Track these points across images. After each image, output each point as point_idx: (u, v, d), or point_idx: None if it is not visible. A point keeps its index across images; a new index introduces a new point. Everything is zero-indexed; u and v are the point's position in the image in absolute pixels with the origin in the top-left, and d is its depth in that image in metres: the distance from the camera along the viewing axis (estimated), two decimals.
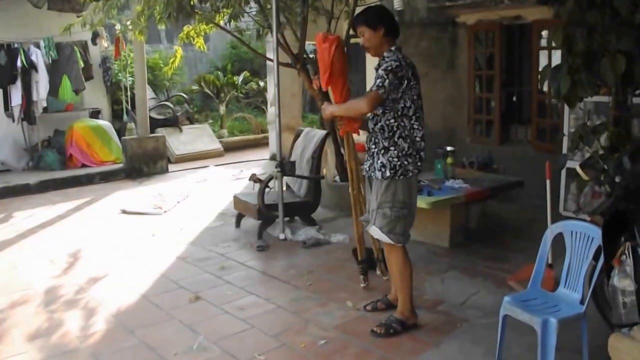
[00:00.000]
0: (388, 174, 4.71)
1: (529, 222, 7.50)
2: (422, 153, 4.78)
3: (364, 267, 5.79)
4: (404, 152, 4.69)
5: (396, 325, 4.86)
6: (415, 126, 4.71)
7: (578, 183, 5.51)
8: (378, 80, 4.56)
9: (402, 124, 4.67)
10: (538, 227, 5.60)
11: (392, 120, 4.67)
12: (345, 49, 5.54)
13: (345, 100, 5.21)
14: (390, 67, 4.55)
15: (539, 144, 8.82)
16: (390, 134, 4.68)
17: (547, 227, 4.56)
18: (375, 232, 4.87)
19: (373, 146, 4.81)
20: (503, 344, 4.27)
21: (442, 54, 9.83)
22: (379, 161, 4.76)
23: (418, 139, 4.73)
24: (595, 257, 4.06)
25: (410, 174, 4.72)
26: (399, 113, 4.65)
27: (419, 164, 4.76)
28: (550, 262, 5.04)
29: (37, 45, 11.91)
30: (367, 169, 4.91)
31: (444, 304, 5.40)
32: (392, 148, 4.70)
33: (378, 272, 5.87)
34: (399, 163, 4.69)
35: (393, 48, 4.74)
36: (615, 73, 4.44)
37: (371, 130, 4.83)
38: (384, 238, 4.81)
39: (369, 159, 4.88)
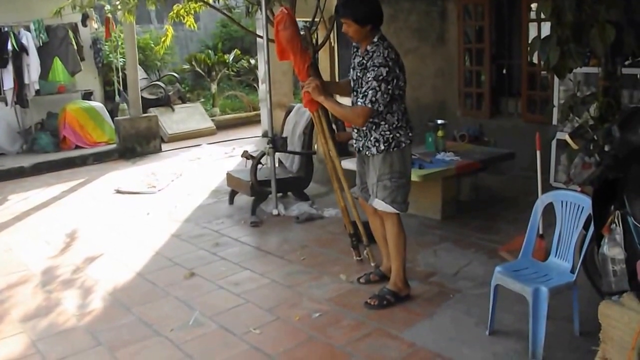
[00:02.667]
0: (382, 147, 4.78)
1: (520, 194, 7.55)
2: (411, 124, 4.87)
3: (353, 241, 5.82)
4: (394, 125, 4.76)
5: (389, 297, 4.93)
6: (402, 105, 4.82)
7: (568, 154, 5.54)
8: (370, 93, 4.59)
9: (389, 106, 4.72)
10: (529, 198, 5.64)
11: (382, 107, 4.72)
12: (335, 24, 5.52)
13: (307, 74, 5.30)
14: (381, 76, 4.57)
15: (529, 116, 8.85)
16: (379, 112, 4.72)
17: (537, 198, 4.61)
18: (378, 204, 4.92)
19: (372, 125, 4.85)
20: (495, 314, 4.33)
21: (432, 28, 9.83)
22: (372, 137, 4.82)
23: (404, 110, 4.83)
24: (586, 227, 4.11)
25: (404, 145, 4.80)
26: (388, 101, 4.69)
27: (410, 134, 4.83)
28: (541, 232, 5.08)
29: (27, 29, 11.82)
30: (361, 147, 4.95)
31: (437, 275, 5.45)
32: (382, 123, 4.75)
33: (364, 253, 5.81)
34: (391, 136, 4.76)
35: (376, 39, 4.72)
36: (604, 43, 4.45)
37: None
38: (388, 208, 4.87)
39: (360, 138, 4.93)
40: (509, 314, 4.51)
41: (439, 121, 7.61)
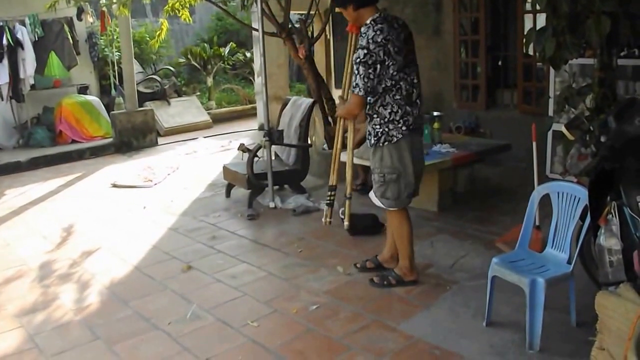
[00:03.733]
0: (373, 141, 4.83)
1: (516, 185, 7.56)
2: (408, 117, 4.75)
3: (331, 196, 5.51)
4: (385, 120, 4.74)
5: (391, 279, 5.04)
6: (397, 96, 4.71)
7: (564, 145, 5.54)
8: (357, 79, 4.60)
9: (382, 98, 4.71)
10: (525, 189, 5.64)
11: (376, 98, 4.73)
12: (330, 17, 5.52)
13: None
14: (358, 59, 4.57)
15: (524, 107, 8.85)
16: (373, 103, 4.74)
17: (534, 189, 4.61)
18: (371, 196, 4.98)
19: (367, 117, 4.90)
20: (492, 305, 4.34)
21: (427, 20, 9.82)
22: (367, 129, 4.89)
23: (402, 104, 4.73)
24: (582, 217, 4.12)
25: (395, 140, 4.75)
26: (380, 92, 4.69)
27: (403, 128, 4.74)
28: (537, 223, 5.09)
29: (23, 23, 11.78)
30: (367, 137, 5.00)
31: (434, 267, 5.46)
32: (375, 116, 4.78)
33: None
34: (380, 130, 4.77)
35: (369, 21, 4.68)
36: (599, 34, 4.45)
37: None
38: (378, 202, 4.91)
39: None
40: (506, 305, 4.52)
41: (435, 113, 7.61)
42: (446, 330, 4.33)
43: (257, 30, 7.85)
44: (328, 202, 5.51)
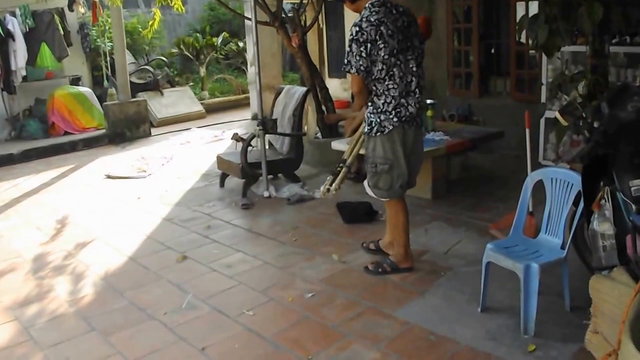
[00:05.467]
0: (367, 129, 4.84)
1: (509, 172, 7.58)
2: (401, 109, 4.73)
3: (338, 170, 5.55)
4: (378, 110, 4.75)
5: (386, 266, 5.08)
6: (390, 85, 4.70)
7: (557, 132, 5.56)
8: (349, 57, 4.63)
9: (376, 85, 4.72)
10: (518, 176, 5.66)
11: (370, 84, 4.74)
12: (323, 6, 5.53)
13: None
14: (351, 36, 4.59)
15: (517, 95, 8.86)
16: (369, 92, 4.77)
17: (527, 176, 4.63)
18: (365, 185, 5.00)
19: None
20: (486, 291, 4.36)
21: (420, 8, 9.79)
22: (364, 118, 4.90)
23: (396, 95, 4.72)
24: (575, 203, 4.14)
25: (387, 130, 4.74)
26: (374, 77, 4.69)
27: (394, 119, 4.73)
28: (531, 209, 5.11)
29: (13, 14, 11.74)
30: None
31: (428, 253, 5.48)
32: (369, 104, 4.81)
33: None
34: (374, 120, 4.78)
35: (367, 4, 4.72)
36: (592, 21, 4.47)
37: None
38: (370, 192, 4.92)
39: None
40: (500, 290, 4.54)
41: (428, 101, 7.59)
42: (441, 316, 4.35)
43: (249, 19, 7.83)
44: (333, 172, 5.58)
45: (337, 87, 12.27)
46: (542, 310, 4.01)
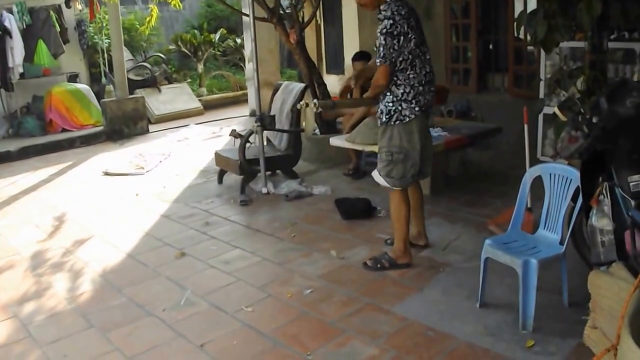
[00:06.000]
0: (384, 119, 4.85)
1: (507, 168, 7.57)
2: (420, 97, 4.81)
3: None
4: (398, 98, 4.78)
5: (385, 262, 5.08)
6: (411, 75, 4.78)
7: (556, 128, 5.56)
8: (381, 50, 4.66)
9: (397, 75, 4.77)
10: (516, 172, 5.65)
11: (387, 62, 4.74)
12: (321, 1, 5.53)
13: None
14: (385, 29, 4.63)
15: (515, 91, 8.87)
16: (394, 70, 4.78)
17: (525, 172, 4.63)
18: (375, 175, 5.04)
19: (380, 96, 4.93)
20: (485, 286, 4.36)
21: (418, 4, 9.69)
22: (379, 108, 4.91)
23: (416, 84, 4.79)
24: (574, 199, 4.13)
25: (407, 119, 4.80)
26: (397, 67, 4.73)
27: (416, 109, 4.80)
28: (529, 205, 5.11)
29: (10, 11, 11.72)
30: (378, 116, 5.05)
31: (427, 249, 5.47)
32: (387, 94, 4.83)
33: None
34: (393, 108, 4.79)
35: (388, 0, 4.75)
36: (591, 17, 4.46)
37: None
38: (382, 181, 4.95)
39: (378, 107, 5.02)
40: (499, 286, 4.53)
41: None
42: (440, 312, 4.35)
43: (247, 15, 7.81)
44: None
45: (335, 83, 12.23)
46: (540, 305, 4.00)
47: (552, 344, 3.82)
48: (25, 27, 11.94)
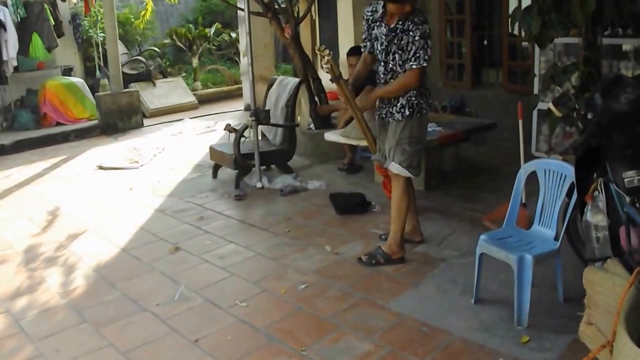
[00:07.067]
0: (407, 112, 4.97)
1: (502, 164, 7.59)
2: (428, 93, 5.11)
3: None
4: (419, 91, 4.97)
5: (380, 257, 5.10)
6: (426, 73, 5.06)
7: (550, 124, 5.57)
8: (421, 52, 4.83)
9: None
10: (510, 168, 5.68)
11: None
12: None
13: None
14: (426, 33, 4.84)
15: (510, 87, 8.86)
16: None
17: (520, 167, 4.63)
18: (395, 167, 5.05)
19: None
20: (480, 282, 4.37)
21: None
22: (398, 104, 4.99)
23: (425, 80, 5.09)
24: (569, 194, 4.14)
25: (424, 112, 5.04)
26: None
27: (429, 101, 5.10)
28: (524, 201, 5.11)
29: (5, 4, 11.66)
30: (384, 114, 5.14)
31: (422, 245, 5.47)
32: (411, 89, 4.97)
33: None
34: (416, 102, 4.97)
35: (415, 9, 4.90)
36: (585, 13, 4.48)
37: (387, 81, 5.05)
38: (404, 172, 5.03)
39: (384, 105, 5.13)
40: (493, 282, 4.54)
41: None
42: (435, 308, 4.35)
43: (242, 10, 7.81)
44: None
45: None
46: (535, 301, 4.02)
47: (547, 340, 3.83)
48: (19, 20, 11.89)
